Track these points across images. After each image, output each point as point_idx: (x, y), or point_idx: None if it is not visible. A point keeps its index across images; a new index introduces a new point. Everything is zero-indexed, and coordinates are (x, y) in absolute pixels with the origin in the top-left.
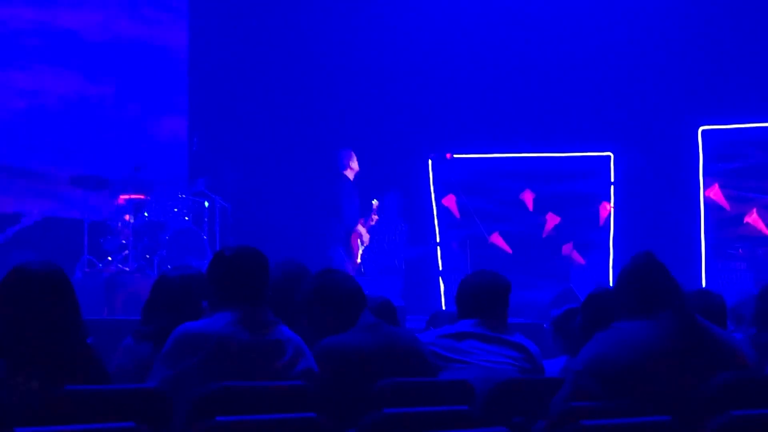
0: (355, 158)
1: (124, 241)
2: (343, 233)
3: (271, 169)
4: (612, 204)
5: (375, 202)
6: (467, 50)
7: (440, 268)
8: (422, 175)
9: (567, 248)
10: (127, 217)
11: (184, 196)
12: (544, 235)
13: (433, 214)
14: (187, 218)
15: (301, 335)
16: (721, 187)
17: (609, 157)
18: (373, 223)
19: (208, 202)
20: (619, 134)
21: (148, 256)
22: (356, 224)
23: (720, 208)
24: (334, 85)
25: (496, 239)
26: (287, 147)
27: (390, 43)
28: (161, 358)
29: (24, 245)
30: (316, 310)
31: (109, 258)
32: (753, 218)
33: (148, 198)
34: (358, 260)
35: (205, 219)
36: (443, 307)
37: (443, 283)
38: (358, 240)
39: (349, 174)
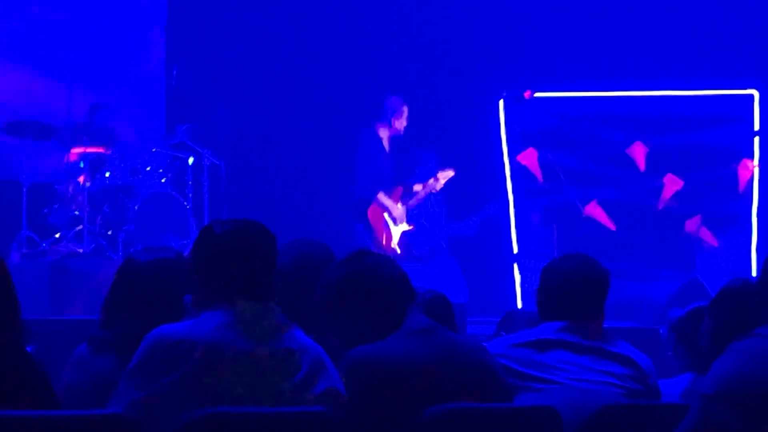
0: (404, 114)
1: (77, 212)
2: (359, 205)
3: (280, 113)
4: (756, 162)
5: (418, 187)
6: None
7: (515, 251)
8: (490, 122)
9: (693, 224)
10: (81, 178)
11: (158, 149)
12: (661, 206)
13: (505, 176)
14: (163, 180)
15: (322, 343)
16: None
17: (752, 96)
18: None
19: (192, 157)
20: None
21: (109, 233)
22: (376, 193)
23: None
24: (368, 5)
25: (594, 211)
26: (303, 83)
27: None
28: (129, 374)
29: None
30: (343, 309)
31: (57, 235)
32: None
33: (110, 152)
34: (393, 244)
35: (189, 182)
36: (519, 305)
37: (519, 271)
38: (385, 215)
39: (384, 132)
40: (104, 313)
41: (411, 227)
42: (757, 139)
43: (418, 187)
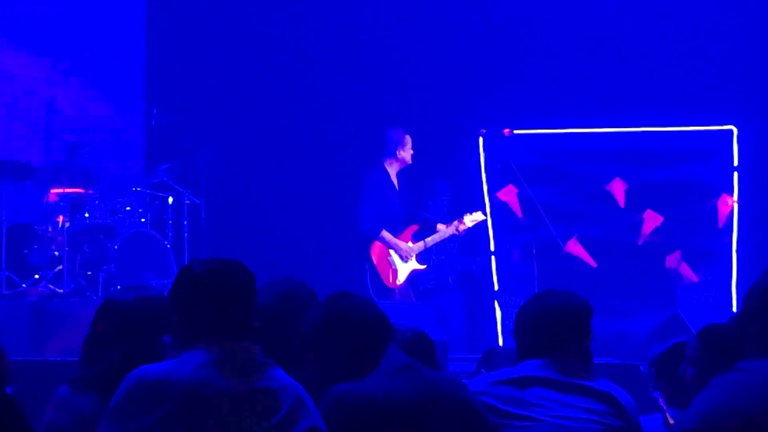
0: (409, 144)
1: (56, 253)
2: (362, 243)
3: (259, 153)
4: (736, 198)
5: (441, 227)
6: None
7: (496, 288)
8: (470, 160)
9: (673, 259)
10: (60, 218)
11: (139, 189)
12: (641, 242)
13: (485, 213)
14: (143, 220)
15: (303, 382)
16: None
17: (731, 132)
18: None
19: (172, 197)
20: (746, 101)
21: (89, 273)
22: (380, 231)
23: None
24: (351, 41)
25: (574, 247)
26: (283, 122)
27: None
28: (109, 415)
29: None
30: (324, 348)
31: (37, 276)
32: None
33: (90, 192)
34: (399, 282)
35: (169, 221)
36: (500, 343)
37: (500, 308)
38: (391, 253)
39: (391, 166)
40: (85, 352)
41: (423, 267)
42: (736, 175)
43: (441, 227)
